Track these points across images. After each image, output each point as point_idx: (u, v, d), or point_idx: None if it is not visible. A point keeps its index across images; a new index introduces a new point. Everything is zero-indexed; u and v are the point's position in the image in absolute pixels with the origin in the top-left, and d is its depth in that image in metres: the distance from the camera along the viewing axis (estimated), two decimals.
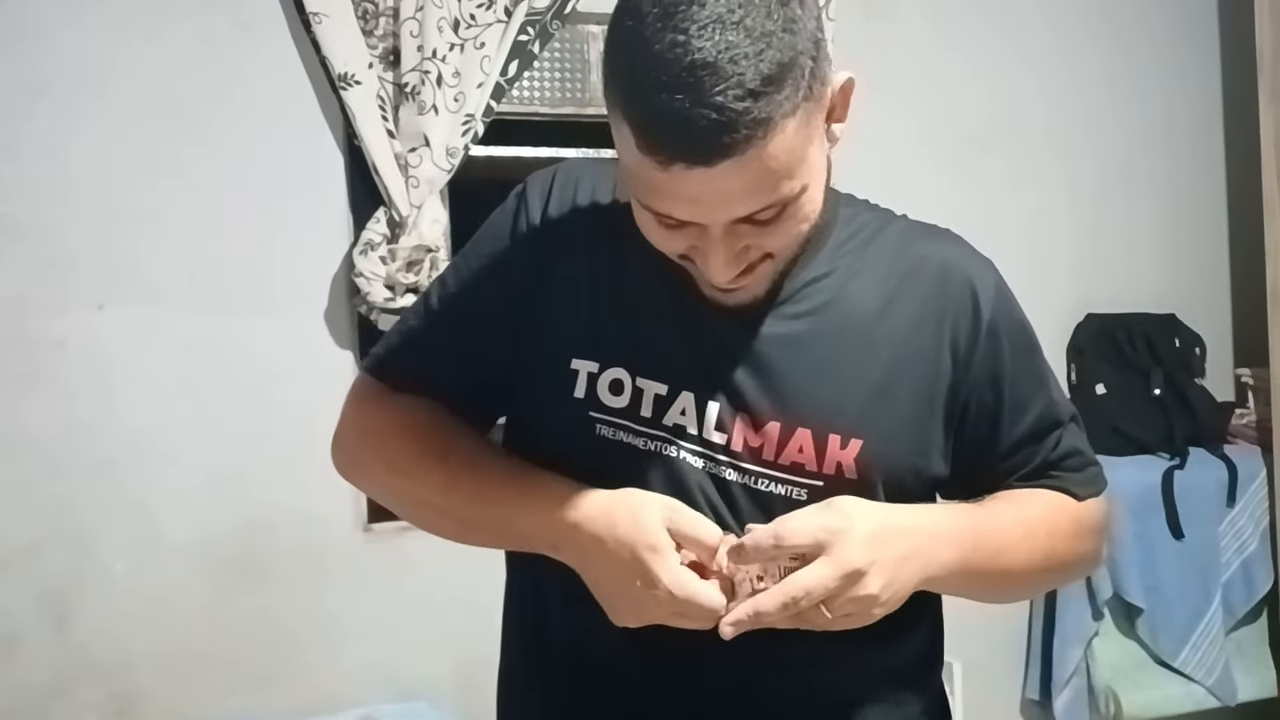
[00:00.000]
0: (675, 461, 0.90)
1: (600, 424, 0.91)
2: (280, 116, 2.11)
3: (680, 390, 0.90)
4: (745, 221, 0.79)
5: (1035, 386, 0.98)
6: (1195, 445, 2.63)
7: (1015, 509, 0.95)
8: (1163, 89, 2.81)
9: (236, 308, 2.08)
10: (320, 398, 2.13)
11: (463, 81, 2.11)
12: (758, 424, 0.89)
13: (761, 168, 0.75)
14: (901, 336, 0.92)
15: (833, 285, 0.93)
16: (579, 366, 0.92)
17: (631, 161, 0.77)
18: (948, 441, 0.95)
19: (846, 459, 0.89)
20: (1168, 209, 2.83)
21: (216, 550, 2.07)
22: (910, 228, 1.00)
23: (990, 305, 0.94)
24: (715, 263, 0.81)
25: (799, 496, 0.89)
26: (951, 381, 0.93)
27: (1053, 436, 0.98)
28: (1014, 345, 0.96)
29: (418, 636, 2.18)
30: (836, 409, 0.90)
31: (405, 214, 2.06)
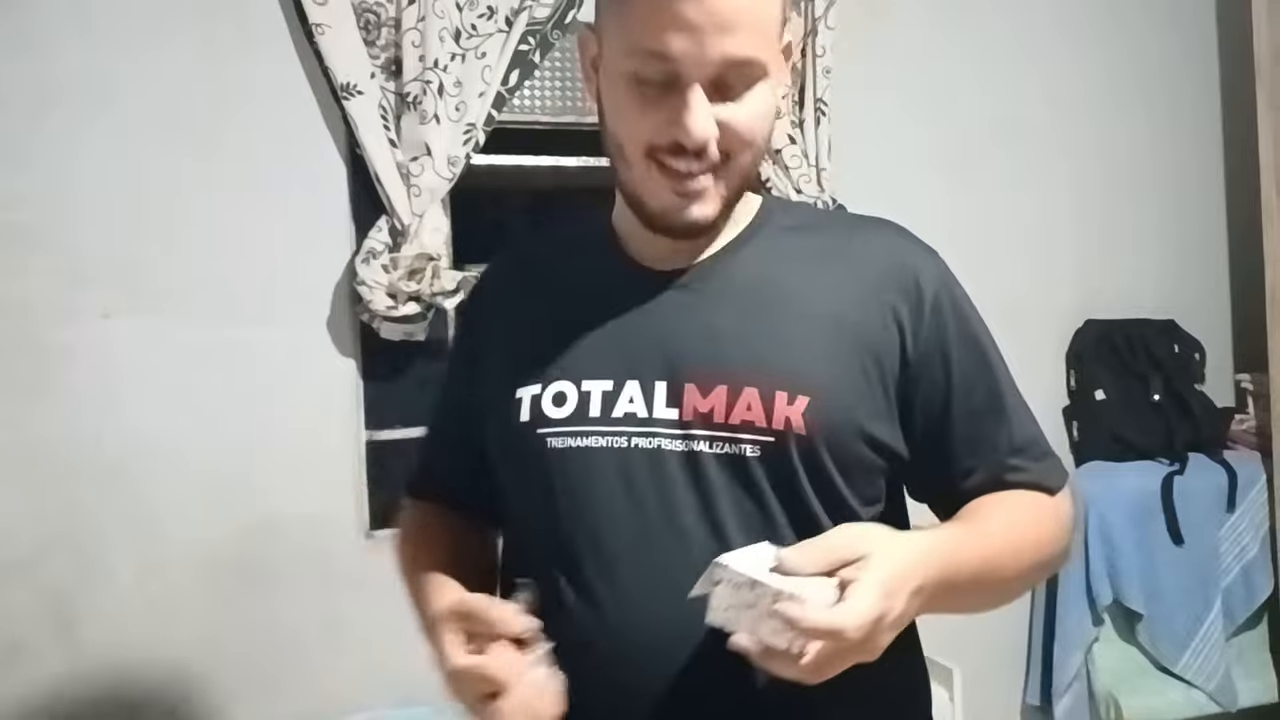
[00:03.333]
0: (630, 450, 0.93)
1: (550, 437, 0.95)
2: (283, 126, 2.13)
3: (625, 380, 0.95)
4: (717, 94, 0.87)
5: (981, 366, 1.00)
6: (1195, 451, 2.63)
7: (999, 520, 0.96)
8: (1162, 96, 2.82)
9: (240, 316, 2.10)
10: (323, 405, 2.17)
11: (464, 91, 2.13)
12: (705, 390, 0.92)
13: (756, 9, 0.87)
14: (845, 309, 0.95)
15: (772, 258, 0.99)
16: (522, 394, 0.97)
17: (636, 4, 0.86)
18: (895, 412, 0.97)
19: (795, 415, 0.91)
20: (1168, 215, 2.84)
21: (221, 556, 2.08)
22: (852, 218, 1.07)
23: (932, 286, 0.98)
24: (696, 116, 0.86)
25: (752, 454, 0.91)
26: (898, 356, 0.96)
27: (1007, 419, 1.00)
28: (958, 325, 0.99)
29: (420, 642, 2.18)
30: (781, 368, 0.93)
31: (407, 223, 2.08)
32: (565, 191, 2.72)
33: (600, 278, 1.01)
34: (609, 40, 0.91)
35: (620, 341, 0.96)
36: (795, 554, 0.80)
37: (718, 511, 0.91)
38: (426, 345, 2.22)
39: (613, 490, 0.93)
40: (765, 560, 0.81)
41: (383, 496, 2.23)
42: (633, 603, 0.91)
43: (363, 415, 2.22)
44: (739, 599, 0.78)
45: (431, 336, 2.20)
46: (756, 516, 0.92)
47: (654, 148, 0.89)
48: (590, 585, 0.93)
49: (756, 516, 0.92)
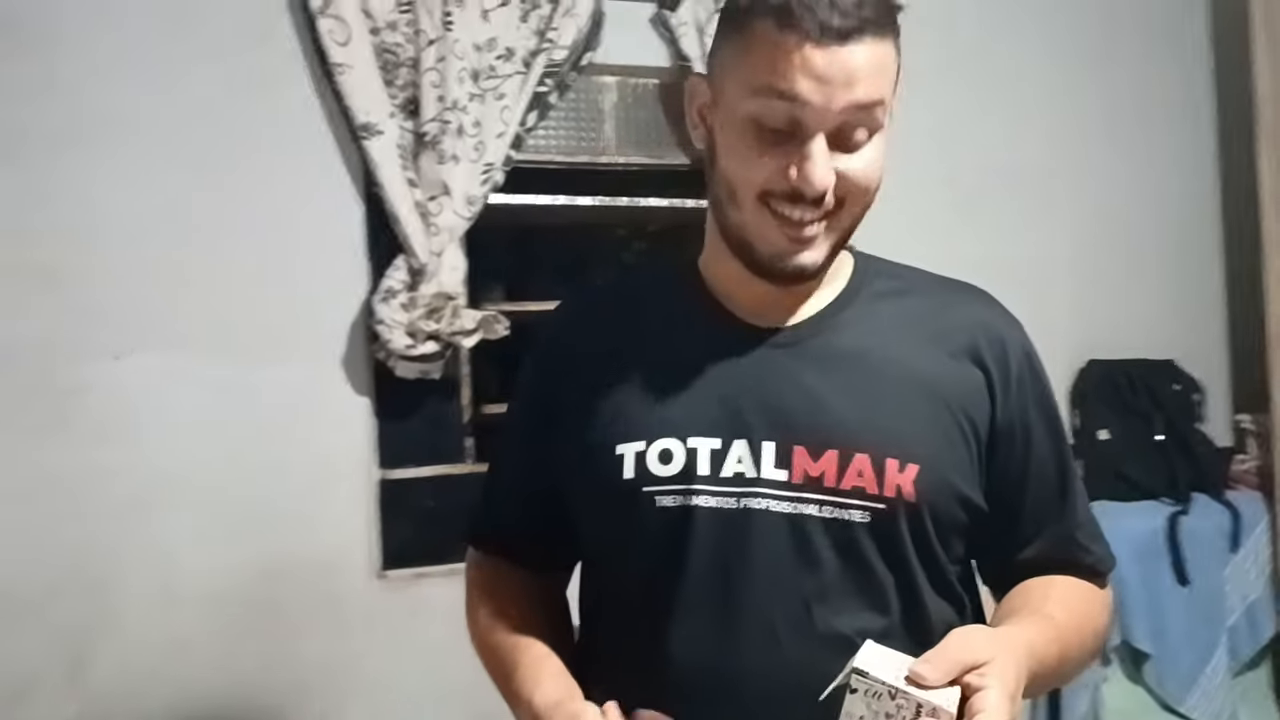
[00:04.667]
0: (739, 511, 0.92)
1: (658, 495, 0.94)
2: (301, 165, 2.13)
3: (732, 439, 0.93)
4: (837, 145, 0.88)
5: (1055, 440, 1.02)
6: (1198, 491, 2.65)
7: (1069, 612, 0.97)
8: (1159, 138, 2.87)
9: (255, 354, 2.09)
10: (336, 444, 2.16)
11: (483, 131, 2.14)
12: (815, 453, 0.92)
13: (879, 60, 0.87)
14: (941, 375, 0.96)
15: (870, 323, 0.99)
16: (624, 450, 0.95)
17: (762, 53, 0.87)
18: (983, 480, 0.98)
19: (905, 482, 0.91)
20: (1166, 255, 2.88)
21: (234, 595, 2.06)
22: (944, 282, 1.06)
23: (1018, 357, 1.00)
24: (816, 165, 0.87)
25: (861, 519, 0.91)
26: (987, 423, 0.97)
27: (1073, 497, 1.03)
28: (1038, 398, 1.01)
29: (432, 682, 2.16)
30: (891, 435, 0.93)
31: (425, 261, 2.08)
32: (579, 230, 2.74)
33: (697, 330, 1.00)
34: (730, 82, 0.91)
35: (724, 398, 0.95)
36: (927, 667, 0.78)
37: (822, 576, 0.92)
38: (440, 384, 2.22)
39: (721, 550, 0.92)
40: (892, 665, 0.80)
41: (395, 536, 2.21)
42: (735, 663, 0.91)
43: (376, 454, 2.21)
44: (877, 707, 0.77)
45: (445, 375, 2.20)
46: (859, 581, 0.92)
47: (769, 193, 0.90)
48: (692, 643, 0.92)
49: (859, 581, 0.92)
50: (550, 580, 1.12)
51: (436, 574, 2.21)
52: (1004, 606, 0.99)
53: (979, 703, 0.76)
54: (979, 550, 1.02)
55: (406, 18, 2.13)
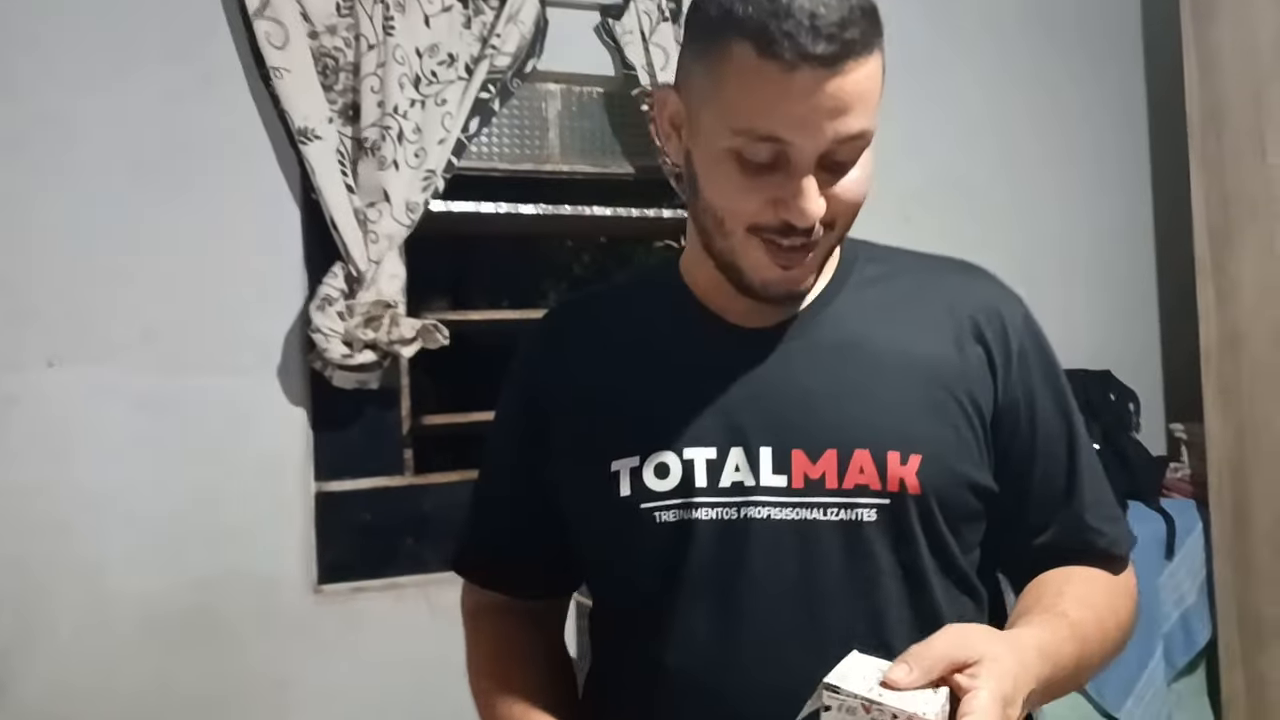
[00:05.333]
0: (740, 521, 0.89)
1: (657, 511, 0.90)
2: (238, 169, 2.09)
3: (729, 447, 0.90)
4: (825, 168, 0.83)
5: (1063, 418, 0.97)
6: (1133, 499, 2.69)
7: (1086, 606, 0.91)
8: (1095, 153, 2.93)
9: (190, 364, 2.04)
10: (272, 456, 2.11)
11: (424, 138, 2.11)
12: (813, 454, 0.89)
13: (865, 84, 0.81)
14: (939, 356, 0.93)
15: (860, 311, 0.95)
16: (619, 467, 0.92)
17: (739, 83, 0.80)
18: (991, 461, 0.94)
19: (909, 474, 0.88)
20: (1103, 267, 2.94)
21: (167, 612, 2.00)
22: (936, 260, 1.03)
23: (1019, 331, 0.96)
24: (805, 199, 0.82)
25: (869, 518, 0.88)
26: (991, 401, 0.93)
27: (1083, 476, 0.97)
28: (1044, 373, 0.96)
29: (370, 696, 2.12)
30: (889, 427, 0.89)
31: (364, 269, 2.04)
32: (520, 238, 2.71)
33: (684, 336, 0.96)
34: (705, 111, 0.85)
35: (717, 405, 0.91)
36: (903, 669, 0.73)
37: (831, 579, 0.88)
38: (379, 394, 2.18)
39: (724, 563, 0.89)
40: (869, 674, 0.75)
41: (332, 549, 2.16)
42: (739, 678, 0.88)
43: (313, 466, 2.16)
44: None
45: (384, 385, 2.16)
46: (868, 583, 0.89)
47: (758, 225, 0.85)
48: (702, 658, 0.89)
49: (868, 583, 0.89)
50: (551, 613, 1.07)
51: (374, 588, 2.17)
52: (1018, 605, 0.94)
53: (967, 704, 0.72)
54: (993, 537, 0.98)
55: (346, 22, 2.10)
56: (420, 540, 2.24)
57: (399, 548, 2.22)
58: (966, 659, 0.74)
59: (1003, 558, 0.99)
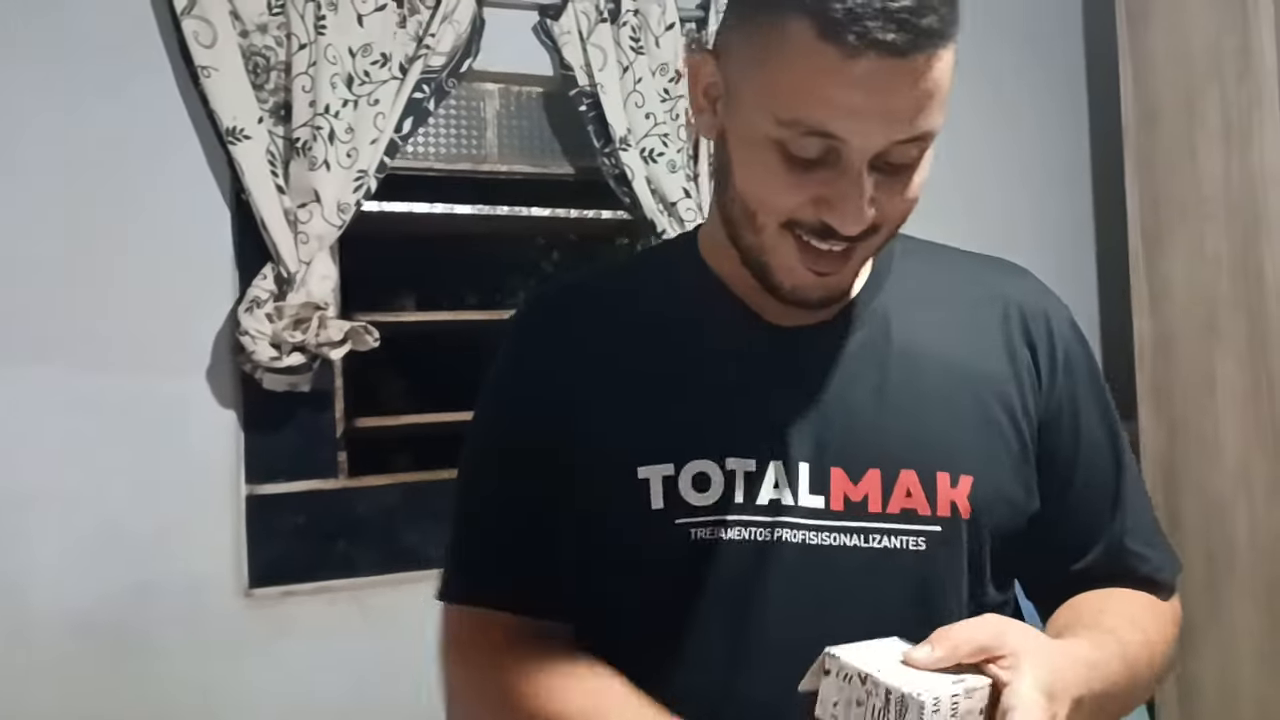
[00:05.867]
0: (775, 545, 0.80)
1: (694, 528, 0.80)
2: (168, 170, 2.05)
3: (769, 460, 0.80)
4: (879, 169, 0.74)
5: (1108, 433, 0.90)
6: None
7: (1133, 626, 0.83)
8: (1038, 156, 2.94)
9: (116, 366, 2.00)
10: (200, 458, 2.08)
11: (356, 138, 2.09)
12: (855, 474, 0.80)
13: (936, 79, 0.71)
14: (985, 364, 0.85)
15: (904, 309, 0.87)
16: (648, 474, 0.81)
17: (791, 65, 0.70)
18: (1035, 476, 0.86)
19: (960, 497, 0.80)
20: (1043, 266, 2.93)
21: (92, 619, 1.96)
22: (976, 259, 0.94)
23: (1065, 338, 0.89)
24: (852, 204, 0.73)
25: (917, 547, 0.80)
26: (1035, 411, 0.86)
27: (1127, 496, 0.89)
28: (1090, 383, 0.90)
29: (301, 702, 2.10)
30: (937, 445, 0.81)
31: (294, 270, 2.02)
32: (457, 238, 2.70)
33: (714, 332, 0.85)
34: (747, 88, 0.75)
35: (755, 411, 0.82)
36: (926, 650, 0.66)
37: (872, 611, 0.79)
38: (311, 396, 2.16)
39: (748, 588, 0.80)
40: (891, 653, 0.68)
41: (264, 553, 2.14)
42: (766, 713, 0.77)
43: (243, 469, 2.14)
44: (848, 694, 0.66)
45: (316, 387, 2.14)
46: (916, 614, 0.78)
47: (795, 222, 0.76)
48: (713, 688, 0.80)
49: (916, 614, 0.78)
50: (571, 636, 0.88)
51: (305, 592, 2.14)
52: (1049, 627, 0.84)
53: (1008, 698, 0.63)
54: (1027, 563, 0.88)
55: (278, 20, 2.08)
56: (353, 544, 2.22)
57: (331, 551, 2.20)
58: (1001, 648, 0.66)
59: (1031, 580, 0.91)
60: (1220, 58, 2.33)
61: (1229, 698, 2.32)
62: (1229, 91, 2.31)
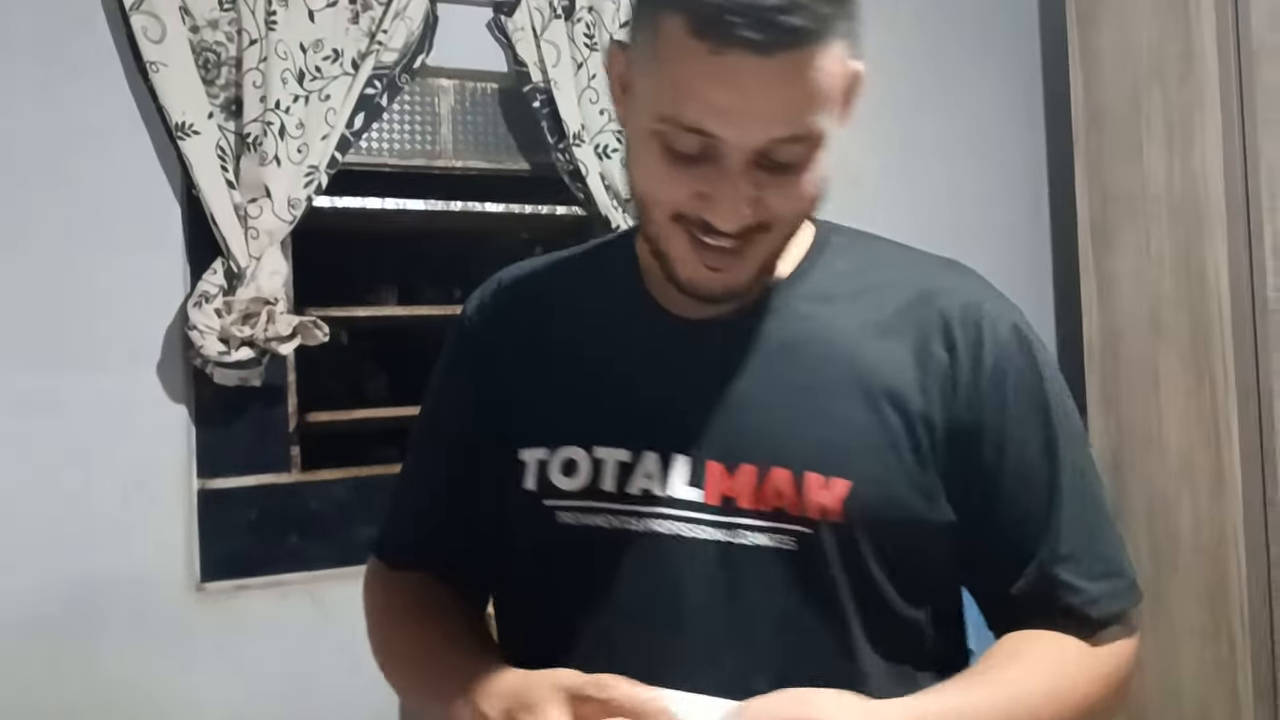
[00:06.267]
0: (644, 535, 0.80)
1: (559, 511, 0.83)
2: (115, 165, 2.05)
3: (643, 450, 0.82)
4: (763, 167, 0.74)
5: (1042, 455, 0.83)
6: None
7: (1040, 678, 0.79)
8: (986, 139, 2.95)
9: (64, 360, 2.00)
10: (150, 453, 2.09)
11: (306, 133, 2.10)
12: (731, 468, 0.80)
13: (808, 79, 0.71)
14: (893, 368, 0.82)
15: (817, 309, 0.85)
16: (527, 457, 0.85)
17: (669, 61, 0.72)
18: (942, 490, 0.82)
19: (832, 500, 0.78)
20: (996, 262, 2.95)
21: (39, 617, 1.96)
22: (921, 259, 0.90)
23: (999, 350, 0.83)
24: (729, 202, 0.73)
25: (788, 546, 0.79)
26: (941, 421, 0.81)
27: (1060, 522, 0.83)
28: (1023, 401, 0.83)
29: (253, 696, 2.11)
30: (818, 445, 0.79)
31: (244, 265, 2.03)
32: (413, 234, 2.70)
33: (622, 323, 0.87)
34: (638, 84, 0.76)
35: (637, 403, 0.83)
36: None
37: (737, 608, 0.79)
38: (263, 391, 2.16)
39: (623, 578, 0.81)
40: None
41: (216, 547, 2.15)
42: None
43: (195, 463, 2.14)
44: None
45: (267, 382, 2.14)
46: (788, 617, 0.79)
47: (682, 216, 0.77)
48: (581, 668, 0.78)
49: (788, 617, 0.79)
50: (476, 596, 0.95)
51: (257, 585, 2.15)
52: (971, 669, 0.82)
53: None
54: (966, 578, 0.87)
55: (228, 16, 2.08)
56: (306, 538, 2.23)
57: (284, 545, 2.21)
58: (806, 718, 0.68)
59: (980, 603, 0.88)
60: (1163, 60, 2.37)
61: (1171, 690, 2.37)
62: (1171, 93, 2.35)
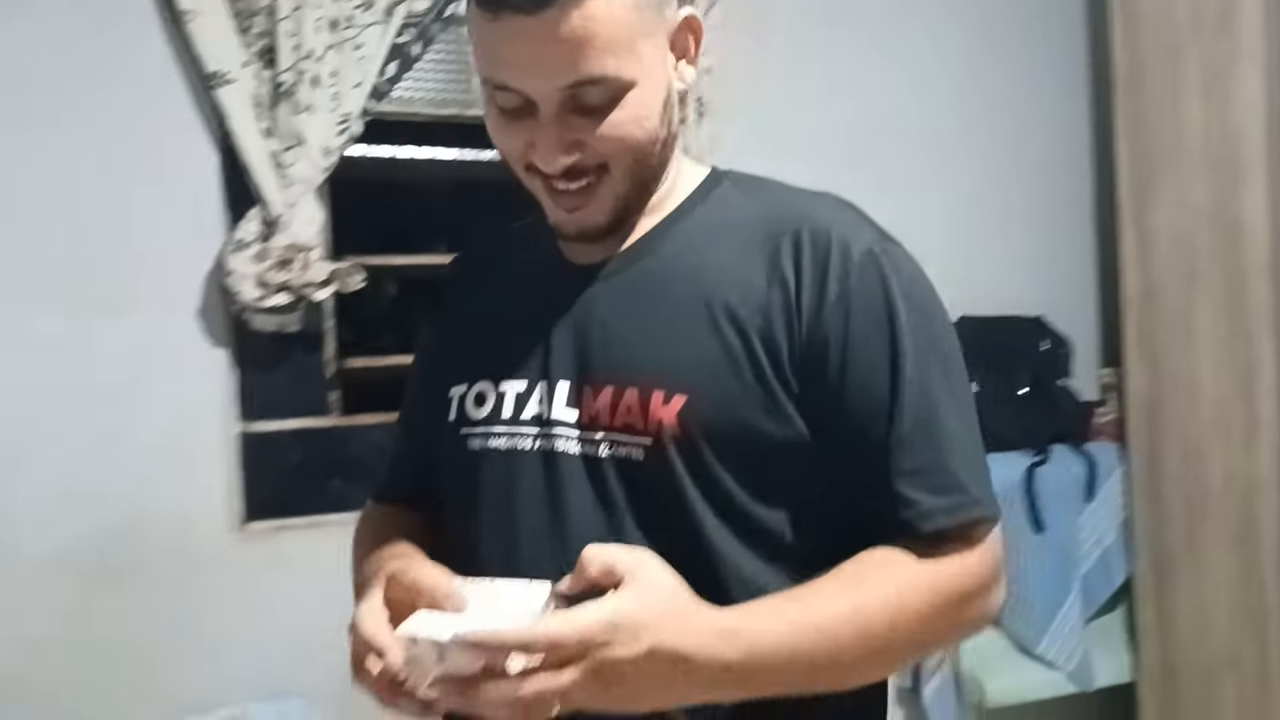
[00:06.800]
0: (530, 454, 0.93)
1: (470, 437, 0.97)
2: (153, 113, 2.09)
3: (538, 381, 0.95)
4: (576, 111, 0.85)
5: (885, 374, 0.87)
6: (1059, 442, 2.75)
7: (850, 600, 0.83)
8: (1031, 95, 2.91)
9: (108, 306, 2.06)
10: (193, 397, 2.15)
11: (340, 81, 2.12)
12: (596, 390, 0.91)
13: (582, 29, 0.81)
14: (740, 292, 0.89)
15: (689, 244, 0.94)
16: (454, 393, 0.99)
17: (474, 32, 0.85)
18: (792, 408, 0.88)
19: (669, 415, 0.87)
20: (1037, 213, 2.94)
21: (85, 553, 2.03)
22: (796, 194, 0.96)
23: (853, 272, 0.88)
24: (545, 146, 0.85)
25: (636, 456, 0.89)
26: (785, 341, 0.88)
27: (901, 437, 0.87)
28: (870, 319, 0.88)
29: (293, 636, 2.17)
30: (659, 365, 0.89)
31: (279, 213, 2.06)
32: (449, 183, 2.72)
33: (533, 273, 1.01)
34: (474, 53, 0.89)
35: (538, 340, 0.96)
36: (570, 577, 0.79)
37: (613, 515, 0.89)
38: (302, 337, 2.21)
39: (514, 492, 0.93)
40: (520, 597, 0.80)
41: (257, 489, 2.21)
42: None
43: (236, 407, 2.20)
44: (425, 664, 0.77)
45: (305, 329, 2.19)
46: (646, 518, 0.89)
47: (530, 165, 0.89)
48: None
49: (646, 518, 0.89)
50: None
51: (298, 526, 2.21)
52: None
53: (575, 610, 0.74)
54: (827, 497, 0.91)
55: None
56: (347, 481, 2.28)
57: (325, 487, 2.26)
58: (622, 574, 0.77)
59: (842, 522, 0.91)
60: (1201, 13, 2.31)
61: (1203, 631, 2.37)
62: (1209, 47, 2.30)
